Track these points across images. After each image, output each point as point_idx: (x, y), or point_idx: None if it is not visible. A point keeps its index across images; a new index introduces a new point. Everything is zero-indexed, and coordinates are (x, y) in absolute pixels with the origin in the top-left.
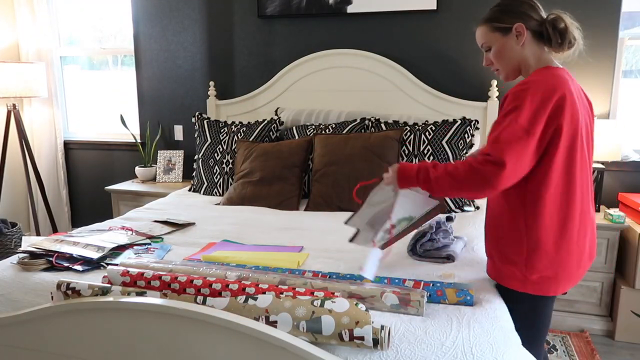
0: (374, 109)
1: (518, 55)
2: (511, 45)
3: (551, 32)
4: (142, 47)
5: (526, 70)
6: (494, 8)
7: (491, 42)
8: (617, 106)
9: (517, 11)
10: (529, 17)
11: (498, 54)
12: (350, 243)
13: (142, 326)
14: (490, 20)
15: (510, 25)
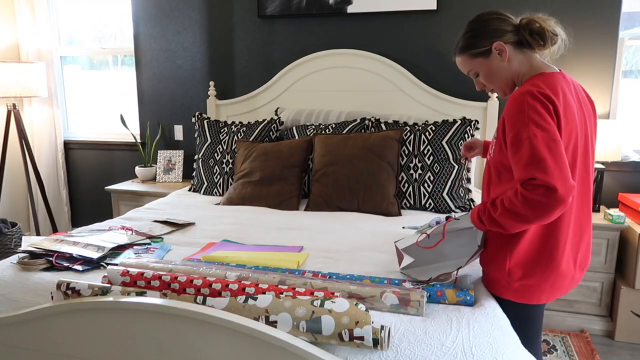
0: (374, 109)
1: (508, 71)
2: (497, 64)
3: (529, 38)
4: (142, 47)
5: (520, 80)
6: (466, 35)
7: (476, 68)
8: (617, 106)
9: (489, 30)
10: (502, 31)
11: (488, 77)
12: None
13: (142, 326)
14: (467, 49)
15: (488, 47)
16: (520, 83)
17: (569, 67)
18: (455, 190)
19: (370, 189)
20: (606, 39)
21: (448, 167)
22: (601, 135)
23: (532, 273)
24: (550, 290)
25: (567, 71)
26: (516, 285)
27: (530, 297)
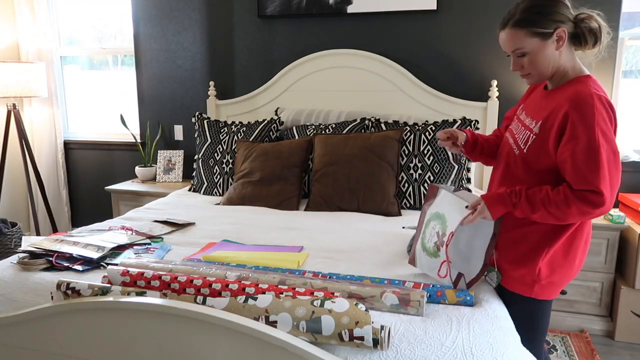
0: (374, 109)
1: (555, 61)
2: (550, 50)
3: (587, 35)
4: (142, 47)
5: (560, 76)
6: (528, 9)
7: (527, 47)
8: (617, 106)
9: (555, 13)
10: (566, 18)
11: (535, 60)
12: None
13: (142, 326)
14: (527, 24)
15: (551, 30)
16: (559, 79)
17: None
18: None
19: (370, 189)
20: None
21: (448, 167)
22: None
23: (559, 270)
24: (566, 283)
25: None
26: (543, 283)
27: (550, 293)
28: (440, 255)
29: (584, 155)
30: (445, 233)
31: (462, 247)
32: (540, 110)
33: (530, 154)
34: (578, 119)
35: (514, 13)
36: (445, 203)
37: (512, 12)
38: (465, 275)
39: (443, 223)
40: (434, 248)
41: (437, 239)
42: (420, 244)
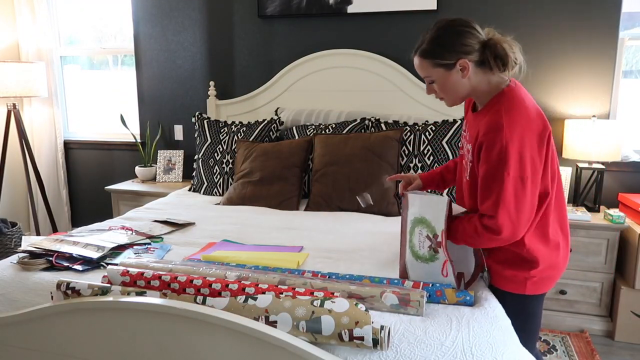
0: (374, 109)
1: (465, 87)
2: (456, 79)
3: (492, 61)
4: (142, 47)
5: (478, 96)
6: (432, 40)
7: (434, 76)
8: (617, 106)
9: (458, 44)
10: (470, 48)
11: (443, 88)
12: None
13: (142, 326)
14: (430, 56)
15: (453, 61)
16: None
17: (569, 67)
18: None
19: (370, 189)
20: (606, 39)
21: None
22: (601, 135)
23: (550, 265)
24: (557, 276)
25: (567, 71)
26: (535, 279)
27: (542, 287)
28: (439, 257)
29: (484, 180)
30: (437, 234)
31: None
32: (472, 134)
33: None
34: (487, 147)
35: (422, 42)
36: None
37: (421, 40)
38: (465, 274)
39: (429, 226)
40: (430, 252)
41: (431, 242)
42: (411, 254)
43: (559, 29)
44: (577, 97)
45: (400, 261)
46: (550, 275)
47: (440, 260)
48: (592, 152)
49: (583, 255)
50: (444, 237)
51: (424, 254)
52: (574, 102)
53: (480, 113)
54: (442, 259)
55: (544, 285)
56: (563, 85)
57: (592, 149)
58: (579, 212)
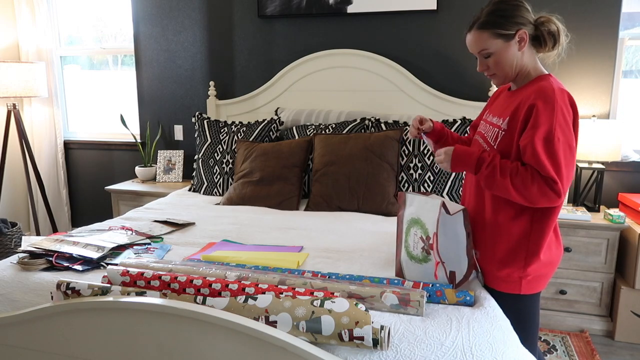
0: (374, 109)
1: (518, 62)
2: (513, 51)
3: (546, 36)
4: (142, 47)
5: (523, 76)
6: (492, 12)
7: (492, 48)
8: (617, 106)
9: (517, 16)
10: (528, 21)
11: (499, 61)
12: None
13: (142, 326)
14: (491, 26)
15: (513, 31)
16: (523, 79)
17: (569, 67)
18: (455, 190)
19: (370, 189)
20: (606, 39)
21: None
22: (601, 135)
23: (545, 264)
24: (552, 274)
25: (567, 71)
26: (530, 278)
27: (538, 286)
28: (431, 259)
29: (542, 143)
30: (429, 236)
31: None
32: (506, 108)
33: (500, 149)
34: (541, 109)
35: (479, 16)
36: (418, 207)
37: (478, 16)
38: (457, 273)
39: (423, 227)
40: (422, 254)
41: (423, 244)
42: (406, 254)
43: None
44: (577, 97)
45: (396, 259)
46: (545, 273)
47: (432, 262)
48: (592, 152)
49: (583, 255)
50: (436, 239)
51: (417, 255)
52: None
53: (523, 88)
54: (434, 260)
55: (539, 284)
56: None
57: (592, 149)
58: (579, 212)
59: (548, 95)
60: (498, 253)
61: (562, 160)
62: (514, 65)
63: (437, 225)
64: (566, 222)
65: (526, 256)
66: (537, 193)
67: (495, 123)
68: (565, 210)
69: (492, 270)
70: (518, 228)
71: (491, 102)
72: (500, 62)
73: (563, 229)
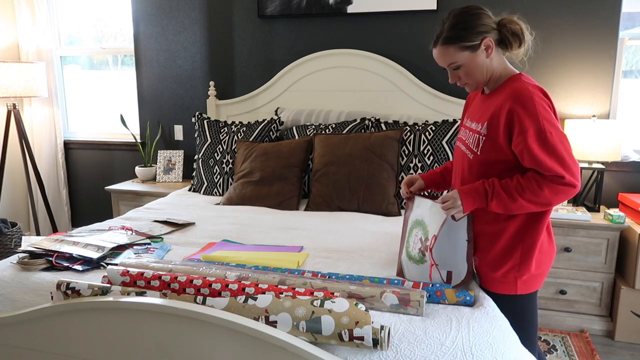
0: (374, 109)
1: (488, 68)
2: (481, 60)
3: (511, 38)
4: (142, 47)
5: (495, 80)
6: (454, 26)
7: (460, 61)
8: (617, 106)
9: (479, 25)
10: (490, 28)
11: (469, 71)
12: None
13: (142, 326)
14: (455, 40)
15: (478, 41)
16: (496, 81)
17: (569, 67)
18: None
19: (370, 189)
20: (606, 39)
21: None
22: (601, 135)
23: (539, 263)
24: (547, 273)
25: (567, 71)
26: (525, 278)
27: (533, 286)
28: (426, 260)
29: (537, 144)
30: (428, 237)
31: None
32: (483, 112)
33: (484, 154)
34: (522, 112)
35: (442, 31)
36: (424, 209)
37: (441, 30)
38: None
39: (424, 229)
40: (419, 254)
41: (421, 245)
42: (406, 254)
43: (559, 29)
44: (577, 97)
45: (398, 259)
46: (540, 272)
47: (427, 264)
48: (592, 152)
49: (583, 255)
50: (434, 241)
51: (415, 256)
52: (574, 102)
53: (496, 91)
54: (428, 262)
55: (535, 283)
56: (563, 85)
57: (592, 149)
58: (579, 212)
59: (524, 95)
60: (492, 254)
61: (562, 152)
62: (484, 72)
63: (440, 229)
64: (566, 222)
65: (521, 256)
66: (551, 195)
67: (474, 128)
68: (565, 210)
69: (487, 271)
70: (512, 228)
71: (467, 107)
72: (470, 71)
73: (563, 229)
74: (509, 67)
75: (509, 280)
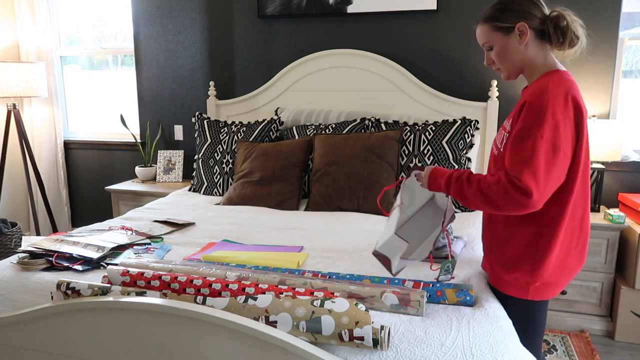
0: (374, 109)
1: (521, 56)
2: (514, 45)
3: (552, 31)
4: (142, 47)
5: (531, 71)
6: (495, 6)
7: (493, 41)
8: (617, 106)
9: (519, 9)
10: (531, 15)
11: (500, 54)
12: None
13: (142, 326)
14: (491, 19)
15: (512, 24)
16: (532, 74)
17: (569, 67)
18: None
19: (370, 189)
20: (606, 39)
21: (447, 167)
22: (601, 135)
23: (554, 272)
24: (564, 284)
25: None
26: (537, 285)
27: (546, 294)
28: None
29: (520, 139)
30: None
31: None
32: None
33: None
34: (529, 106)
35: (485, 11)
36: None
37: (485, 10)
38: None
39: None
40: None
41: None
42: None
43: None
44: None
45: None
46: (554, 281)
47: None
48: (592, 152)
49: None
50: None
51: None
52: None
53: (531, 85)
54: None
55: (547, 292)
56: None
57: (592, 149)
58: None
59: (541, 92)
60: (506, 256)
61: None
62: (515, 59)
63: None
64: None
65: (534, 261)
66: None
67: (504, 126)
68: None
69: (500, 272)
70: (526, 232)
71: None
72: (502, 55)
73: None
74: (549, 62)
75: (521, 285)
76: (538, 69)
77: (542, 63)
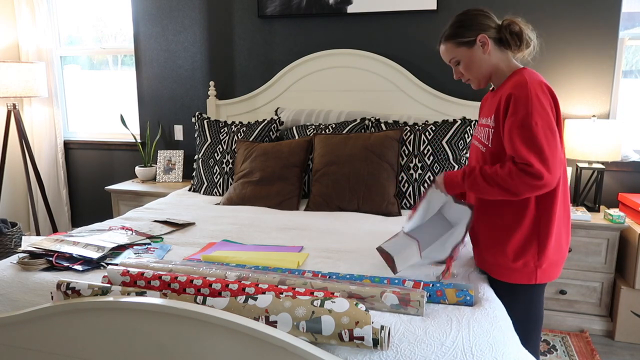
0: (374, 109)
1: (487, 63)
2: (479, 55)
3: (509, 37)
4: (142, 47)
5: (498, 75)
6: (454, 25)
7: (459, 56)
8: (617, 106)
9: (476, 23)
10: (487, 26)
11: (468, 66)
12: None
13: (142, 326)
14: (453, 37)
15: (473, 37)
16: (499, 78)
17: (569, 67)
18: None
19: (370, 189)
20: (606, 39)
21: (448, 167)
22: (601, 135)
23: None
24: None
25: (567, 71)
26: (544, 266)
27: (551, 275)
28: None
29: (518, 130)
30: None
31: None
32: (490, 107)
33: (494, 146)
34: (516, 98)
35: (445, 30)
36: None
37: (444, 30)
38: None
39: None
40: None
41: None
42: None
43: (559, 29)
44: (577, 97)
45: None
46: (557, 259)
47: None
48: (592, 152)
49: (583, 255)
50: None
51: None
52: (574, 102)
53: (501, 85)
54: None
55: (553, 272)
56: (563, 85)
57: (592, 149)
58: (579, 212)
59: (521, 84)
60: (512, 245)
61: (543, 144)
62: (482, 67)
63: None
64: None
65: (539, 243)
66: (520, 185)
67: (485, 123)
68: None
69: (506, 262)
70: (527, 219)
71: (481, 108)
72: (469, 66)
73: None
74: (512, 64)
75: (530, 270)
76: (504, 72)
77: (506, 66)
